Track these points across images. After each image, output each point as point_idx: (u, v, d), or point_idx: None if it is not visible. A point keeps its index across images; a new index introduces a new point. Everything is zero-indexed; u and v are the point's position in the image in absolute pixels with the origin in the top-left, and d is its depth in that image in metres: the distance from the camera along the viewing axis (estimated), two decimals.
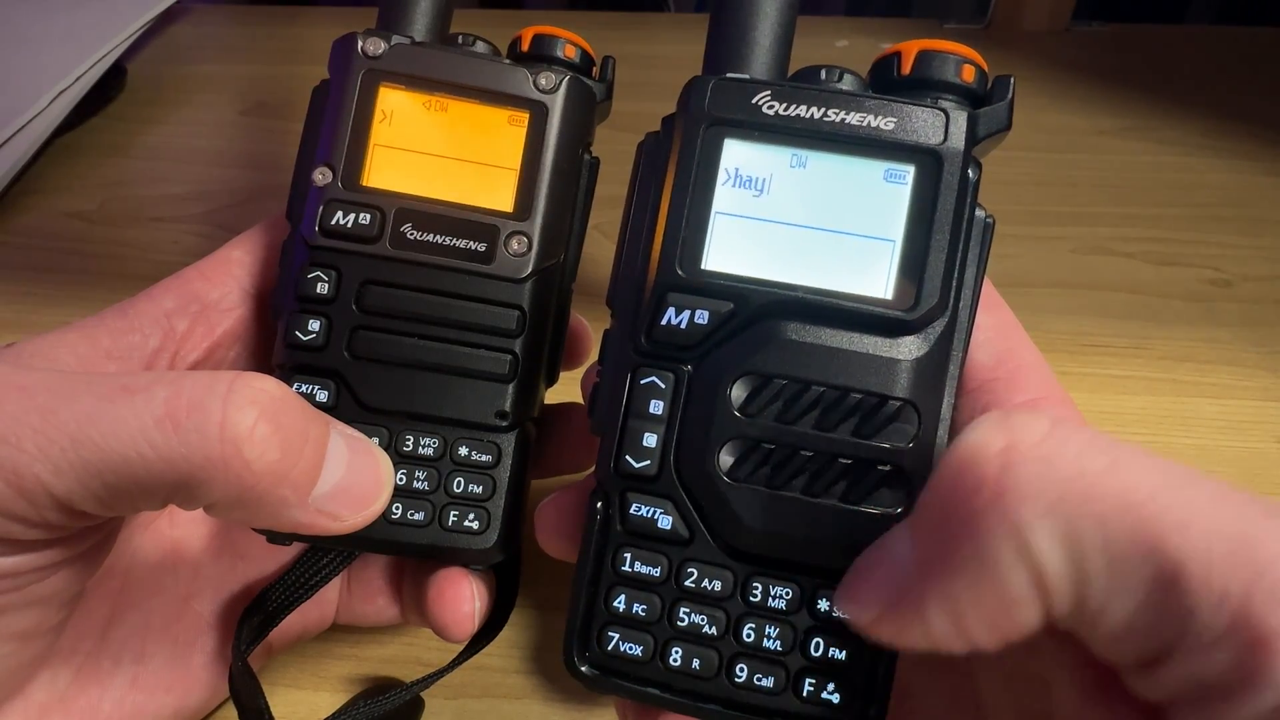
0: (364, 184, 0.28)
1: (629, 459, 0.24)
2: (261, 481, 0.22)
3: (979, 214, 0.24)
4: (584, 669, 0.25)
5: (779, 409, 0.24)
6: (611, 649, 0.25)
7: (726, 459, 0.24)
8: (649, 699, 0.25)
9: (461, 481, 0.29)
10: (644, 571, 0.24)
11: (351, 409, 0.28)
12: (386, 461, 0.26)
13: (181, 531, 0.31)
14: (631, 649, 0.24)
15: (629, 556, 0.25)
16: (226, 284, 0.30)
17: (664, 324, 0.24)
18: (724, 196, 0.25)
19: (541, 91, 0.29)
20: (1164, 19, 0.86)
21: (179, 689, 0.29)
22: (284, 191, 0.29)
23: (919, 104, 0.24)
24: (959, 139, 0.24)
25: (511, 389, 0.29)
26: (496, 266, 0.28)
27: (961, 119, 0.24)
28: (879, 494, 0.23)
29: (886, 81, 0.26)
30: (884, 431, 0.23)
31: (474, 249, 0.28)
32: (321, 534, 0.24)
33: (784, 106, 0.24)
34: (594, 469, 0.25)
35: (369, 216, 0.28)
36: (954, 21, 0.72)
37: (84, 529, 0.23)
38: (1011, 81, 0.25)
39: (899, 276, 0.24)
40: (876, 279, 0.24)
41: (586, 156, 0.30)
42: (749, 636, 0.24)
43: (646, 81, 0.46)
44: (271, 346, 0.29)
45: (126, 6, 0.66)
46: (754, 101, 0.24)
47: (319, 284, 0.28)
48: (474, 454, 0.29)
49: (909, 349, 0.24)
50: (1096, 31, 0.71)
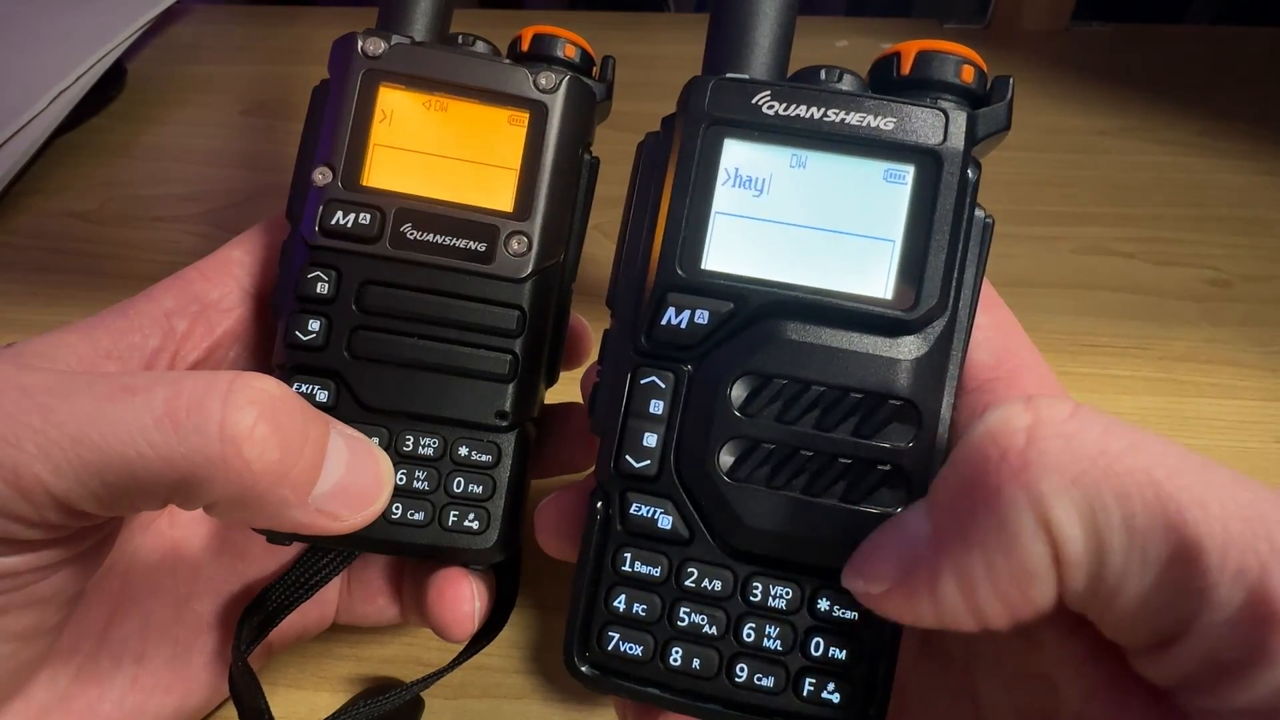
0: (364, 184, 0.28)
1: (629, 459, 0.24)
2: (261, 481, 0.22)
3: (978, 214, 0.24)
4: (584, 669, 0.25)
5: (779, 409, 0.24)
6: (611, 649, 0.25)
7: (727, 459, 0.24)
8: (649, 699, 0.25)
9: (461, 481, 0.29)
10: (644, 571, 0.24)
11: (351, 409, 0.28)
12: (386, 461, 0.26)
13: (181, 531, 0.31)
14: (631, 649, 0.24)
15: (629, 556, 0.25)
16: (226, 284, 0.30)
17: (664, 324, 0.24)
18: (724, 196, 0.25)
19: (541, 91, 0.29)
20: (1164, 19, 0.86)
21: (179, 689, 0.30)
22: (284, 191, 0.29)
23: (918, 104, 0.24)
24: (958, 139, 0.24)
25: (511, 389, 0.29)
26: (496, 266, 0.28)
27: (961, 119, 0.24)
28: (879, 494, 0.23)
29: (886, 82, 0.26)
30: (884, 431, 0.23)
31: (474, 249, 0.28)
32: (321, 534, 0.24)
33: (784, 106, 0.24)
34: (594, 469, 0.25)
35: (369, 216, 0.28)
36: (954, 21, 0.72)
37: (84, 529, 0.23)
38: (1011, 82, 0.25)
39: (899, 276, 0.24)
40: (876, 279, 0.24)
41: (586, 156, 0.30)
42: (749, 636, 0.24)
43: (646, 81, 0.46)
44: (271, 346, 0.29)
45: (126, 6, 0.66)
46: (754, 101, 0.24)
47: (319, 284, 0.28)
48: (474, 454, 0.29)
49: (909, 349, 0.24)
50: (1096, 31, 0.71)
